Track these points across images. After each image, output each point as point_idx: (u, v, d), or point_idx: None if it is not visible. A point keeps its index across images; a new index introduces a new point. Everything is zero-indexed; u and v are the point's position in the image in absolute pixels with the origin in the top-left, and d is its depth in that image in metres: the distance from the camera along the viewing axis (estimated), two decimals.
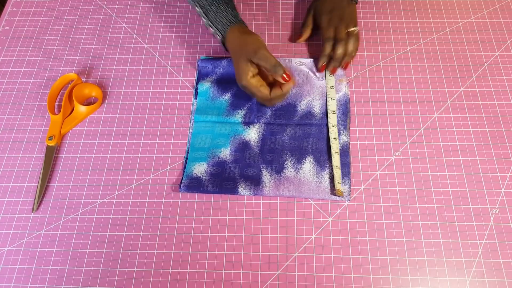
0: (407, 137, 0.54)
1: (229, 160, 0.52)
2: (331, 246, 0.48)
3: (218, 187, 0.50)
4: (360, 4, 0.64)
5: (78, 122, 0.57)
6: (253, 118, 0.55)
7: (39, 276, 0.48)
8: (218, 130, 0.54)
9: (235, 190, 0.50)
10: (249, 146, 0.53)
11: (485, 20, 0.62)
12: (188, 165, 0.52)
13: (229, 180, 0.51)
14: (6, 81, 0.61)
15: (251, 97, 0.56)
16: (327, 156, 0.52)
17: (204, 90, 0.57)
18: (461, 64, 0.59)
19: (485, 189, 0.50)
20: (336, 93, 0.56)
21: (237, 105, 0.56)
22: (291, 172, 0.51)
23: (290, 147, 0.53)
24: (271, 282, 0.46)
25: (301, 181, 0.51)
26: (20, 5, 0.69)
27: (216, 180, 0.51)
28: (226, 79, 0.58)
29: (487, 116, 0.55)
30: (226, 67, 0.58)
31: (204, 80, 0.58)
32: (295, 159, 0.52)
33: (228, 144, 0.53)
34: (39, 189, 0.52)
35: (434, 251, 0.47)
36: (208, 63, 0.58)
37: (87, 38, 0.64)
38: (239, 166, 0.52)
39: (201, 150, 0.53)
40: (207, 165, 0.52)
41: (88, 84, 0.58)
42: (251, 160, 0.52)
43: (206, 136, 0.54)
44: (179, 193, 0.52)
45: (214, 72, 0.58)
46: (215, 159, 0.53)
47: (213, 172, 0.52)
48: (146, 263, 0.48)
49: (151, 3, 0.67)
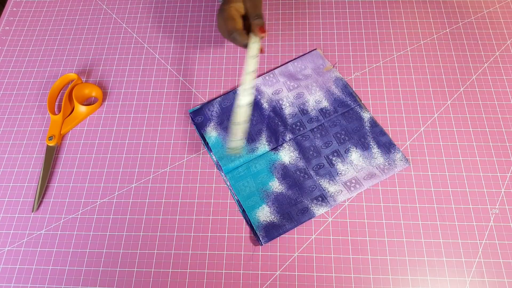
0: (407, 137, 0.54)
1: (284, 189, 0.50)
2: (331, 246, 0.48)
3: (294, 220, 0.48)
4: (360, 4, 0.64)
5: (78, 122, 0.57)
6: (277, 141, 0.53)
7: (39, 276, 0.48)
8: (254, 168, 0.51)
9: (311, 214, 0.49)
10: (291, 167, 0.51)
11: (485, 20, 0.62)
12: (251, 217, 0.49)
13: (298, 208, 0.49)
14: (6, 81, 0.61)
15: (261, 123, 0.54)
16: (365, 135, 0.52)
17: (215, 141, 0.53)
18: (461, 64, 0.59)
19: (485, 189, 0.50)
20: (330, 81, 0.56)
21: (253, 137, 0.53)
22: (346, 169, 0.51)
23: (328, 149, 0.52)
24: (271, 282, 0.46)
25: (360, 171, 0.50)
26: (20, 5, 0.69)
27: (288, 214, 0.49)
28: (226, 119, 0.55)
29: (487, 116, 0.55)
30: (218, 108, 0.56)
31: (207, 132, 0.54)
32: (340, 156, 0.51)
33: (273, 176, 0.51)
34: (39, 189, 0.52)
35: (434, 251, 0.47)
36: (200, 113, 0.55)
37: (87, 38, 0.64)
38: (297, 190, 0.50)
39: (252, 196, 0.50)
40: (267, 206, 0.49)
41: (88, 84, 0.58)
42: (304, 179, 0.51)
43: (247, 180, 0.51)
44: (179, 193, 0.52)
45: (211, 118, 0.55)
46: (271, 196, 0.50)
47: (278, 209, 0.49)
48: (146, 263, 0.48)
49: (151, 3, 0.67)
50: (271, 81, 0.57)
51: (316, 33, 0.62)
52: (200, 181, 0.52)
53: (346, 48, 0.61)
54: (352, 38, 0.62)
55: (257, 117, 0.55)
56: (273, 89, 0.57)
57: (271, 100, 0.56)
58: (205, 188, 0.52)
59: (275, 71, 0.58)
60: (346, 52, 0.60)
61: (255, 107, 0.56)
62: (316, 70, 0.58)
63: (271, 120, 0.54)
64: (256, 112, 0.55)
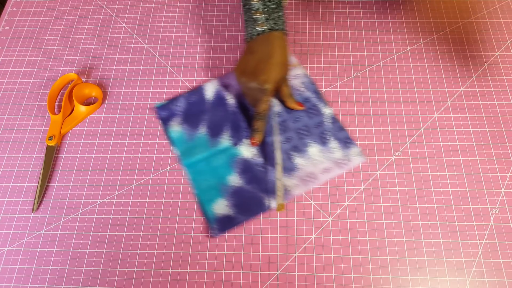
0: (407, 137, 0.54)
1: (243, 183, 0.51)
2: (331, 246, 0.48)
3: (248, 214, 0.49)
4: (360, 4, 0.64)
5: (78, 122, 0.57)
6: (241, 136, 0.54)
7: (39, 276, 0.48)
8: (214, 162, 0.53)
9: (265, 207, 0.49)
10: (252, 162, 0.52)
11: (485, 20, 0.62)
12: (207, 209, 0.50)
13: (255, 201, 0.50)
14: (6, 81, 0.61)
15: (225, 118, 0.55)
16: (325, 131, 0.53)
17: (178, 135, 0.54)
18: (461, 64, 0.59)
19: (485, 189, 0.50)
20: (297, 78, 0.57)
21: (217, 132, 0.54)
22: (304, 164, 0.52)
23: (288, 144, 0.53)
24: (271, 282, 0.46)
25: (318, 165, 0.51)
26: (20, 5, 0.69)
27: (243, 208, 0.49)
28: (191, 114, 0.56)
29: (487, 116, 0.55)
30: (184, 103, 0.56)
31: (172, 126, 0.55)
32: (299, 151, 0.52)
33: (232, 171, 0.52)
34: (39, 189, 0.52)
35: (434, 251, 0.47)
36: (166, 108, 0.56)
37: (87, 38, 0.64)
38: (255, 185, 0.51)
39: (211, 189, 0.51)
40: (225, 199, 0.50)
41: (88, 84, 0.58)
42: (262, 174, 0.52)
43: (207, 174, 0.52)
44: (179, 193, 0.52)
45: (176, 113, 0.56)
46: (229, 190, 0.51)
47: (235, 203, 0.50)
48: (146, 263, 0.48)
49: (151, 3, 0.67)
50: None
51: (316, 33, 0.62)
52: None
53: (346, 48, 0.61)
54: (352, 38, 0.62)
55: (222, 113, 0.56)
56: (238, 86, 0.57)
57: (237, 96, 0.57)
58: None
59: None
60: (346, 52, 0.60)
61: (221, 103, 0.56)
62: None
63: (236, 116, 0.55)
64: (221, 107, 0.56)
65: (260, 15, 0.51)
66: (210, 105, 0.56)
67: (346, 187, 0.51)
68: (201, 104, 0.56)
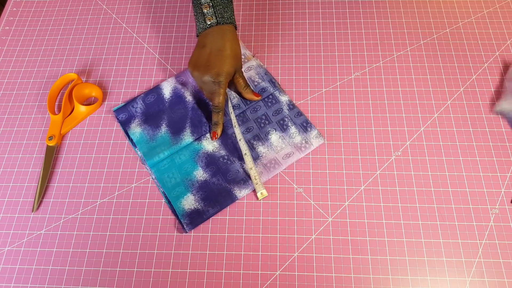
0: (407, 137, 0.54)
1: (208, 177, 0.52)
2: (331, 246, 0.48)
3: (217, 205, 0.50)
4: (360, 4, 0.64)
5: (78, 122, 0.57)
6: (200, 131, 0.54)
7: (39, 276, 0.48)
8: (178, 159, 0.53)
9: (233, 197, 0.50)
10: (215, 155, 0.53)
11: (485, 20, 0.62)
12: (176, 206, 0.50)
13: (222, 193, 0.51)
14: (6, 81, 0.61)
15: (185, 115, 0.55)
16: (284, 117, 0.55)
17: (139, 137, 0.54)
18: (461, 64, 0.59)
19: (485, 189, 0.50)
20: (251, 70, 0.58)
21: (178, 130, 0.54)
22: (267, 152, 0.53)
23: (249, 134, 0.54)
24: (271, 282, 0.46)
25: (280, 153, 0.52)
26: (20, 5, 0.69)
27: (211, 201, 0.50)
28: (150, 114, 0.56)
29: (487, 116, 0.55)
30: (142, 105, 0.57)
31: (131, 128, 0.55)
32: (260, 140, 0.53)
33: (196, 165, 0.52)
34: (39, 189, 0.52)
35: (434, 251, 0.47)
36: (124, 110, 0.56)
37: (87, 38, 0.64)
38: (220, 176, 0.52)
39: (177, 186, 0.51)
40: (192, 194, 0.51)
41: (88, 84, 0.58)
42: (227, 165, 0.52)
43: (172, 171, 0.52)
44: None
45: (135, 115, 0.56)
46: (196, 184, 0.51)
47: (203, 196, 0.51)
48: (146, 263, 0.48)
49: (151, 3, 0.67)
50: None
51: (316, 33, 0.62)
52: None
53: (346, 48, 0.61)
54: (352, 38, 0.62)
55: (182, 110, 0.56)
56: (194, 82, 0.58)
57: (195, 92, 0.58)
58: None
59: None
60: (346, 52, 0.60)
61: (179, 100, 0.57)
62: None
63: (195, 112, 0.56)
64: (180, 105, 0.57)
65: (208, 9, 0.53)
66: (169, 104, 0.57)
67: (346, 187, 0.51)
68: (160, 103, 0.57)
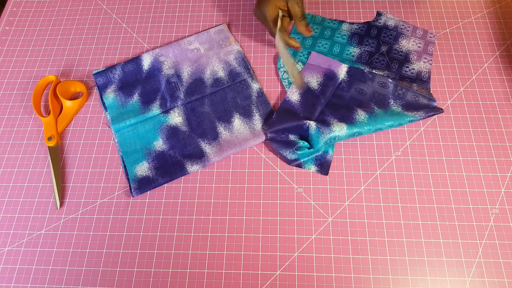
0: (407, 137, 0.54)
1: (166, 148, 0.54)
2: (331, 246, 0.48)
3: (167, 176, 0.52)
4: (360, 4, 0.64)
5: (72, 118, 0.57)
6: (170, 104, 0.56)
7: (39, 276, 0.48)
8: (142, 128, 0.55)
9: (184, 171, 0.52)
10: (178, 129, 0.55)
11: (485, 20, 0.62)
12: (129, 170, 0.52)
13: (175, 165, 0.52)
14: (6, 81, 0.61)
15: (158, 88, 0.58)
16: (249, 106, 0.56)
17: (111, 101, 0.57)
18: (461, 64, 0.59)
19: (485, 189, 0.50)
20: (230, 54, 0.60)
21: (148, 101, 0.57)
22: (226, 134, 0.55)
23: (215, 114, 0.56)
24: (271, 282, 0.46)
25: (238, 136, 0.54)
26: (20, 5, 0.69)
27: (163, 171, 0.52)
28: (126, 83, 0.59)
29: (487, 116, 0.55)
30: (120, 73, 0.59)
31: (106, 92, 0.58)
32: (224, 121, 0.55)
33: (158, 136, 0.55)
34: (56, 188, 0.52)
35: (434, 251, 0.47)
36: (103, 75, 0.59)
37: (87, 38, 0.64)
38: (178, 149, 0.54)
39: (135, 153, 0.54)
40: (147, 162, 0.53)
41: (70, 81, 0.59)
42: (186, 140, 0.54)
43: (134, 139, 0.55)
44: (179, 193, 0.52)
45: (112, 81, 0.59)
46: (152, 154, 0.54)
47: (156, 165, 0.53)
48: (146, 263, 0.48)
49: (151, 3, 0.67)
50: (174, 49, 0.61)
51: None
52: (200, 181, 0.52)
53: None
54: None
55: (156, 83, 0.58)
56: (175, 58, 0.60)
57: (171, 67, 0.59)
58: (205, 188, 0.52)
59: (181, 41, 0.62)
60: None
61: (156, 73, 0.59)
62: (219, 43, 0.61)
63: (167, 85, 0.58)
64: (156, 78, 0.59)
65: None
66: (145, 75, 0.59)
67: (346, 187, 0.51)
68: (137, 73, 0.59)
